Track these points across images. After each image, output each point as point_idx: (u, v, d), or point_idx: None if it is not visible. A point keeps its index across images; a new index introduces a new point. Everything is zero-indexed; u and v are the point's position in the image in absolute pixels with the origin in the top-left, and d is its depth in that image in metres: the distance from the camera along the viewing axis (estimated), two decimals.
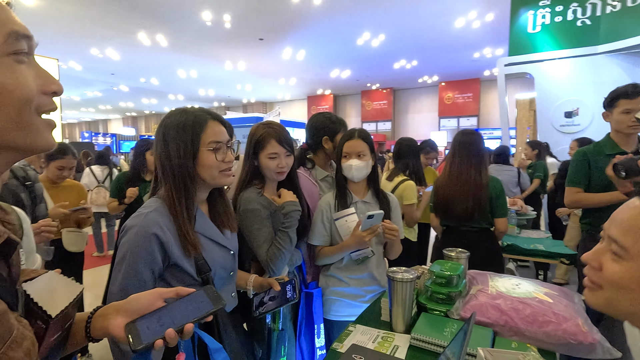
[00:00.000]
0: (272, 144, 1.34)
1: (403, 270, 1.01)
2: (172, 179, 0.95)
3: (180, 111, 0.99)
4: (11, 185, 1.62)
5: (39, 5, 6.52)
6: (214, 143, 0.96)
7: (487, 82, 12.82)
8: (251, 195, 1.34)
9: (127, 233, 0.91)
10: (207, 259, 0.98)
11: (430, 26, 7.78)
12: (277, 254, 1.27)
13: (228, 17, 7.27)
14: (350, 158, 1.51)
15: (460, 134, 2.06)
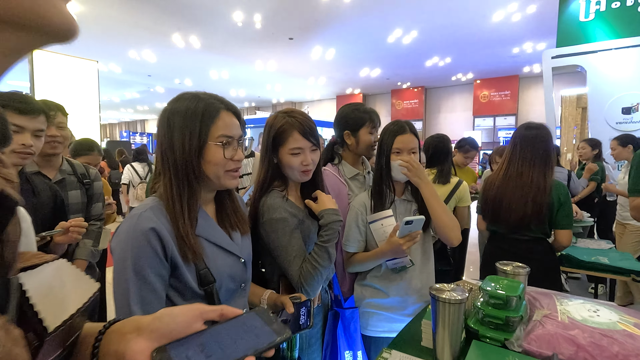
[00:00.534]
0: (295, 137, 1.11)
1: (450, 288, 0.84)
2: (174, 174, 0.82)
3: (190, 96, 0.85)
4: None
5: (82, 11, 6.83)
6: (224, 137, 0.83)
7: (526, 79, 12.12)
8: (276, 201, 1.12)
9: (119, 237, 0.78)
10: (211, 267, 0.83)
11: (466, 21, 7.41)
12: (313, 272, 1.05)
13: (259, 17, 7.28)
14: (402, 155, 1.34)
15: (524, 127, 1.78)
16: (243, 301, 0.95)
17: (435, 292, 0.83)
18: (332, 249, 1.09)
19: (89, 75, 6.18)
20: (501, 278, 0.96)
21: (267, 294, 1.06)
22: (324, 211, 1.10)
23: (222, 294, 0.86)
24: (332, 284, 1.32)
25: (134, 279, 0.74)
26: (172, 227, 0.79)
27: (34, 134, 1.27)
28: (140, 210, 0.80)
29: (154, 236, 0.76)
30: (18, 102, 1.23)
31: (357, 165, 1.63)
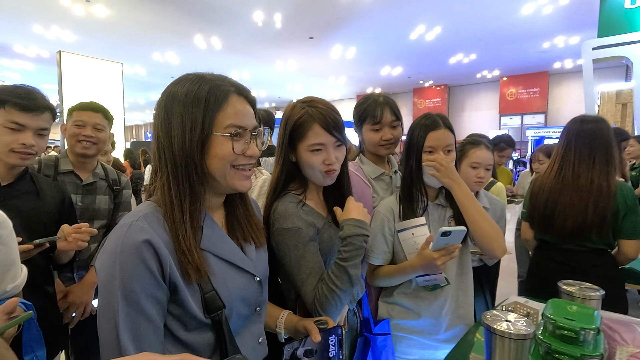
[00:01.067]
0: (316, 131, 0.92)
1: (509, 317, 0.69)
2: (172, 172, 0.66)
3: (194, 77, 0.69)
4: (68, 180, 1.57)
5: (109, 15, 6.99)
6: (233, 127, 0.67)
7: (557, 75, 11.55)
8: (288, 207, 0.93)
9: (104, 253, 0.63)
10: (220, 289, 0.67)
11: (493, 15, 7.10)
12: (329, 296, 0.86)
13: (279, 17, 7.24)
14: (436, 153, 1.17)
15: (579, 121, 1.56)
16: (258, 328, 0.80)
17: (490, 321, 0.67)
18: (353, 270, 0.87)
19: (113, 77, 6.30)
20: (567, 302, 0.80)
21: (285, 316, 0.90)
22: (345, 221, 0.91)
23: (233, 321, 0.71)
24: (361, 304, 1.13)
25: (123, 306, 0.59)
26: (171, 239, 0.65)
27: (36, 132, 1.16)
28: (131, 219, 0.64)
29: (147, 250, 0.61)
30: (20, 97, 1.11)
31: (382, 163, 1.44)
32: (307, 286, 0.89)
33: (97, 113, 1.59)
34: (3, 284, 0.82)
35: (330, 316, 0.88)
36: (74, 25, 7.46)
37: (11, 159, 1.13)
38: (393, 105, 1.38)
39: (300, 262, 0.90)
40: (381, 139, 1.35)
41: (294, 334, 0.86)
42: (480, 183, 1.54)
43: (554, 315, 0.74)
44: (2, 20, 7.21)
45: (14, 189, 1.19)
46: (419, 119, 1.24)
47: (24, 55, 9.63)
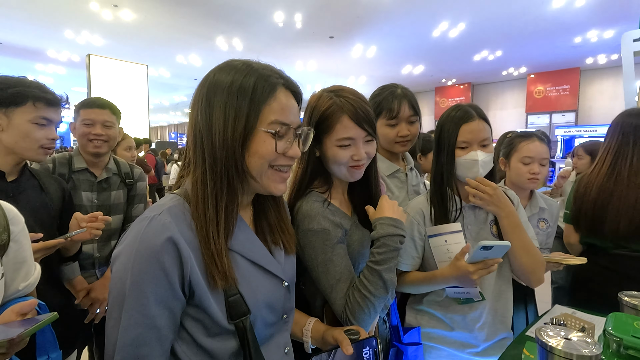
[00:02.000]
0: (345, 124, 0.84)
1: (570, 334, 0.60)
2: (210, 167, 0.60)
3: (241, 64, 0.64)
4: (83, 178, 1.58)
5: (135, 19, 7.18)
6: (278, 124, 0.62)
7: (589, 71, 11.01)
8: (314, 206, 0.86)
9: (120, 248, 0.59)
10: (245, 293, 0.62)
11: (520, 10, 6.82)
12: (363, 304, 0.78)
13: (299, 17, 7.23)
14: (471, 149, 1.05)
15: (634, 115, 1.44)
16: (284, 337, 0.73)
17: (545, 337, 0.58)
18: (387, 274, 0.79)
19: (139, 79, 6.48)
20: (632, 317, 0.70)
21: (312, 324, 0.83)
22: (378, 220, 0.83)
23: (258, 328, 0.65)
24: (389, 311, 1.05)
25: (130, 307, 0.55)
26: (198, 239, 0.59)
27: (56, 126, 1.18)
28: (154, 213, 0.58)
29: (168, 250, 0.55)
30: (44, 91, 1.11)
31: (396, 160, 1.34)
32: (336, 292, 0.82)
33: (104, 110, 1.56)
34: (15, 283, 0.80)
35: (362, 326, 0.81)
36: (103, 30, 7.72)
37: (40, 155, 1.14)
38: (412, 99, 1.27)
39: (329, 266, 0.83)
40: (397, 135, 1.25)
41: (321, 344, 0.80)
42: (535, 180, 1.41)
43: (619, 332, 0.64)
44: (37, 26, 7.55)
45: (21, 184, 1.17)
46: (448, 110, 1.14)
47: (56, 59, 10.06)
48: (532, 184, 1.42)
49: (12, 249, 0.78)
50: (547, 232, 1.51)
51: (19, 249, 0.81)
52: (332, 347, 0.74)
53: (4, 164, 1.12)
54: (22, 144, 1.10)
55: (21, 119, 1.08)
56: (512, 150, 1.49)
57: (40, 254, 1.03)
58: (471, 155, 1.05)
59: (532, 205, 1.50)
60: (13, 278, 0.79)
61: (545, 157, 1.43)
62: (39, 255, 1.03)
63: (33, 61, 10.38)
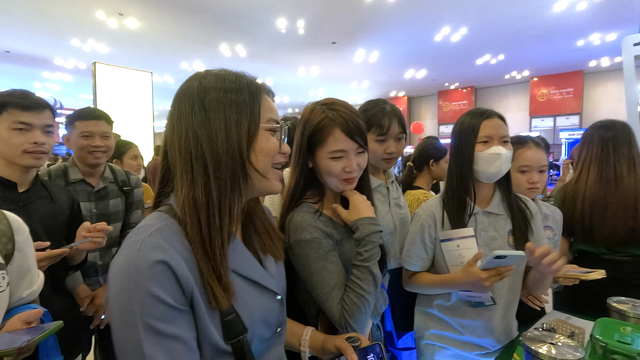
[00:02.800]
0: (337, 136, 0.86)
1: (553, 339, 0.62)
2: (213, 171, 0.57)
3: (218, 71, 0.63)
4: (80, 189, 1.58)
5: (140, 27, 7.29)
6: (273, 121, 0.63)
7: (592, 74, 10.97)
8: (305, 217, 0.88)
9: (116, 276, 0.53)
10: (241, 311, 0.60)
11: (522, 14, 6.83)
12: (359, 303, 0.80)
13: (302, 23, 7.30)
14: (492, 144, 1.04)
15: (604, 127, 1.50)
16: (279, 350, 0.72)
17: (531, 343, 0.59)
18: (375, 269, 0.83)
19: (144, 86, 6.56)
20: (619, 322, 0.72)
21: (309, 333, 0.83)
22: (358, 221, 0.85)
23: (255, 345, 0.63)
24: (383, 317, 1.07)
25: (149, 335, 0.51)
26: (195, 257, 0.56)
27: (43, 130, 1.15)
28: (142, 235, 0.54)
29: (163, 275, 0.52)
30: (19, 97, 1.11)
31: (378, 174, 1.34)
32: (332, 299, 0.83)
33: (100, 121, 1.57)
34: (19, 291, 0.82)
35: (360, 327, 0.82)
36: (108, 38, 7.84)
37: (26, 160, 1.13)
38: (400, 117, 1.29)
39: (323, 275, 0.84)
40: (385, 151, 1.25)
41: (320, 354, 0.80)
42: (535, 189, 1.34)
43: (605, 338, 0.65)
44: (45, 35, 7.68)
45: (32, 194, 1.20)
46: (466, 112, 1.15)
47: (63, 67, 10.21)
48: (532, 194, 1.34)
49: (17, 258, 0.80)
50: (553, 240, 1.45)
51: (23, 257, 0.83)
52: (333, 355, 0.74)
53: (11, 175, 1.14)
54: (7, 150, 1.11)
55: (1, 128, 1.10)
56: None
57: (45, 262, 1.05)
58: (494, 150, 1.04)
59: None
60: (17, 286, 0.82)
61: (544, 164, 1.36)
62: (44, 263, 1.04)
63: (40, 69, 10.55)
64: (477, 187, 1.11)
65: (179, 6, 6.37)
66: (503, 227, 1.11)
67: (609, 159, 1.44)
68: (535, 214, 1.15)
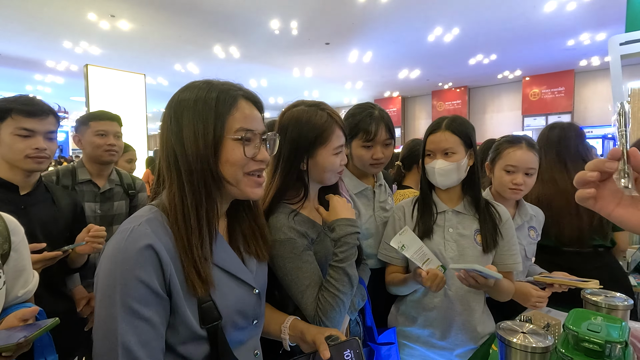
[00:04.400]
0: (337, 134, 0.94)
1: (527, 329, 0.66)
2: (187, 179, 0.64)
3: (201, 83, 0.69)
4: (86, 189, 1.62)
5: (132, 28, 7.26)
6: (243, 131, 0.66)
7: (583, 73, 11.11)
8: (279, 218, 0.91)
9: (103, 261, 0.61)
10: (218, 300, 0.66)
11: (513, 14, 6.92)
12: (333, 302, 0.83)
13: (295, 24, 7.32)
14: (434, 157, 1.14)
15: (547, 128, 1.63)
16: (254, 341, 0.78)
17: (505, 333, 0.63)
18: (351, 270, 0.86)
19: (137, 88, 6.54)
20: (592, 312, 0.75)
21: (289, 321, 0.86)
22: (335, 222, 0.88)
23: (229, 333, 0.68)
24: (364, 313, 1.09)
25: (126, 314, 0.57)
26: (177, 248, 0.63)
27: (45, 136, 1.20)
28: (133, 224, 0.62)
29: (149, 257, 0.59)
30: (24, 104, 1.16)
31: (366, 178, 1.35)
32: (306, 297, 0.86)
33: (114, 122, 1.65)
34: (15, 290, 0.85)
35: (334, 325, 0.85)
36: (100, 40, 7.79)
37: (28, 164, 1.17)
38: (388, 122, 1.29)
39: (298, 274, 0.88)
40: (372, 157, 1.26)
41: (300, 342, 0.83)
42: (517, 191, 1.32)
43: (576, 327, 0.69)
44: (36, 38, 7.63)
45: (33, 197, 1.24)
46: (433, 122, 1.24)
47: (54, 69, 10.13)
48: (513, 195, 1.34)
49: (13, 258, 0.84)
50: (537, 241, 1.46)
51: (19, 257, 0.86)
52: (311, 351, 0.77)
53: (13, 178, 1.18)
54: (10, 155, 1.15)
55: (5, 132, 1.14)
56: (497, 156, 1.42)
57: (39, 264, 1.07)
58: (431, 164, 1.14)
59: (522, 214, 1.43)
60: (13, 285, 0.84)
61: (532, 166, 1.33)
62: (38, 265, 1.06)
63: (32, 72, 10.46)
64: (444, 190, 1.20)
65: (171, 8, 6.36)
66: (470, 226, 1.17)
67: (541, 163, 1.47)
68: (505, 220, 1.20)
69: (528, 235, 1.42)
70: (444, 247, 1.15)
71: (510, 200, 1.42)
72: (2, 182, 1.17)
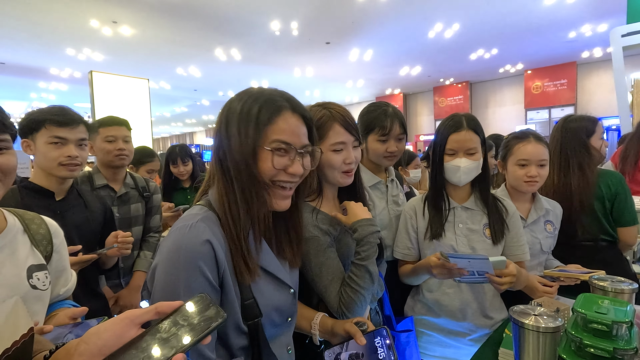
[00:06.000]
0: (337, 130, 0.95)
1: (538, 312, 0.70)
2: (236, 180, 0.68)
3: (253, 92, 0.73)
4: (104, 194, 1.68)
5: (134, 34, 7.33)
6: (277, 142, 0.68)
7: (585, 65, 11.05)
8: (304, 217, 0.93)
9: (167, 253, 0.65)
10: (259, 298, 0.70)
11: (513, 8, 6.91)
12: (355, 297, 0.88)
13: (295, 25, 7.35)
14: (456, 156, 1.17)
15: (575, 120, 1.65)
16: (288, 337, 0.82)
17: (518, 315, 0.67)
18: (372, 267, 0.91)
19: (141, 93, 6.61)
20: (599, 297, 0.78)
21: (319, 318, 0.91)
22: (356, 223, 0.93)
23: (267, 329, 0.73)
24: (382, 302, 1.15)
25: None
26: (228, 242, 0.68)
27: (77, 144, 1.26)
28: (190, 221, 0.66)
29: (207, 252, 0.64)
30: (56, 114, 1.22)
31: (379, 172, 1.43)
32: (330, 291, 0.91)
33: (122, 126, 1.70)
34: (57, 288, 0.91)
35: (356, 315, 0.89)
36: (103, 46, 7.87)
37: (61, 171, 1.24)
38: (402, 118, 1.38)
39: (322, 269, 0.92)
40: (386, 150, 1.34)
41: (329, 337, 0.87)
42: (533, 183, 1.36)
43: (585, 309, 0.72)
44: (40, 45, 7.71)
45: (67, 202, 1.31)
46: (444, 119, 1.26)
47: (58, 76, 10.24)
48: (530, 187, 1.38)
49: (55, 259, 0.90)
50: (554, 234, 1.48)
51: (60, 258, 0.92)
52: (343, 339, 0.81)
53: (50, 185, 1.26)
54: (45, 163, 1.22)
55: (40, 142, 1.21)
56: (508, 152, 1.45)
57: (76, 266, 1.14)
58: (455, 162, 1.17)
59: (537, 208, 1.45)
60: (55, 284, 0.91)
61: (543, 158, 1.37)
62: (75, 267, 1.13)
63: (36, 79, 10.58)
64: (454, 186, 1.23)
65: (172, 12, 6.41)
66: (479, 221, 1.22)
67: (566, 155, 1.56)
68: (512, 214, 1.25)
69: (544, 229, 1.45)
70: (456, 243, 1.20)
71: (526, 195, 1.45)
72: (39, 188, 1.24)
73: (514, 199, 1.41)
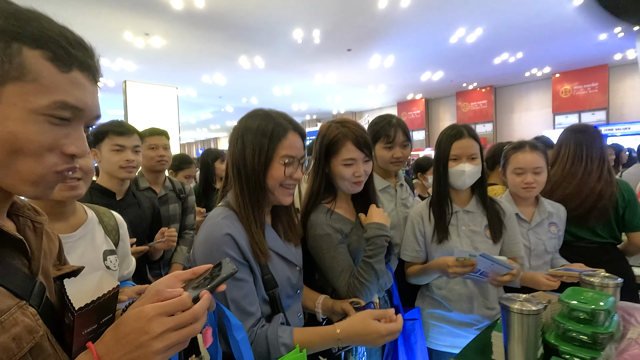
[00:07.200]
0: (348, 148, 1.11)
1: (523, 298, 0.78)
2: (246, 185, 0.91)
3: (263, 114, 0.94)
4: (149, 195, 1.89)
5: (165, 44, 7.74)
6: (287, 157, 0.91)
7: (618, 67, 10.62)
8: (319, 217, 1.14)
9: (203, 243, 0.88)
10: (274, 273, 0.92)
11: (539, 10, 6.78)
12: (361, 288, 1.05)
13: (317, 33, 7.52)
14: (460, 161, 1.28)
15: (582, 131, 1.75)
16: (298, 306, 1.02)
17: (506, 301, 0.76)
18: (378, 265, 1.05)
19: (169, 100, 6.97)
20: (586, 290, 0.85)
21: (322, 299, 1.08)
22: (368, 225, 1.09)
23: (283, 298, 0.93)
24: (391, 293, 1.28)
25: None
26: (246, 234, 0.88)
27: (133, 150, 1.50)
28: (216, 219, 0.89)
29: (229, 241, 0.84)
30: (116, 126, 1.48)
31: (389, 177, 1.57)
32: (340, 281, 1.08)
33: (162, 136, 1.96)
34: (121, 270, 1.13)
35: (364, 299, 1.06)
36: (135, 56, 8.34)
37: (121, 174, 1.47)
38: (405, 127, 1.53)
39: (333, 262, 1.09)
40: (392, 156, 1.49)
41: (330, 314, 1.06)
42: (530, 189, 1.46)
43: (569, 299, 0.79)
44: None
45: (125, 202, 1.54)
46: (445, 129, 1.39)
47: None
48: (528, 193, 1.47)
49: (121, 246, 1.13)
50: (558, 235, 1.55)
51: (124, 246, 1.15)
52: (341, 317, 0.99)
53: (112, 186, 1.50)
54: (109, 167, 1.46)
55: (105, 149, 1.46)
56: (506, 162, 1.57)
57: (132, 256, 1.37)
58: (460, 167, 1.27)
59: (541, 211, 1.53)
60: (120, 266, 1.12)
61: (538, 165, 1.47)
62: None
63: None
64: (456, 191, 1.33)
65: (199, 24, 6.74)
66: (480, 222, 1.32)
67: (581, 157, 1.62)
68: (509, 215, 1.35)
69: (548, 231, 1.52)
70: (460, 244, 1.29)
71: (529, 199, 1.54)
72: (103, 189, 1.48)
73: (518, 203, 1.50)
